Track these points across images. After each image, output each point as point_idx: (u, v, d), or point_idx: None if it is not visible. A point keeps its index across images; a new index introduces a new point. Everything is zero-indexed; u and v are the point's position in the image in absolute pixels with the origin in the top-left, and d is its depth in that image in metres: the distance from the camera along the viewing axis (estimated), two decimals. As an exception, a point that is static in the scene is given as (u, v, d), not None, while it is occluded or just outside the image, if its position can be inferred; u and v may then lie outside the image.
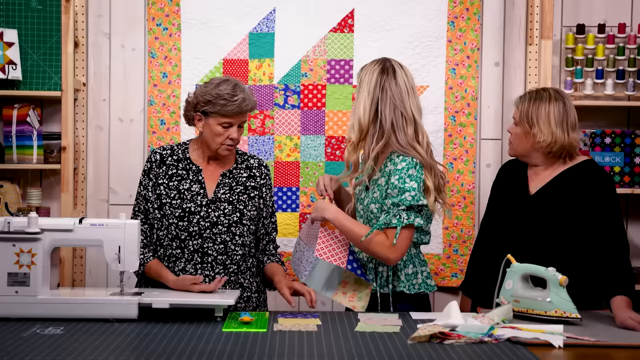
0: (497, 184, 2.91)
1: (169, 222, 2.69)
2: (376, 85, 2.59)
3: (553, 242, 2.65)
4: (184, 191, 2.71)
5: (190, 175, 2.74)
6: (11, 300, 2.39)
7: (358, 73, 2.69)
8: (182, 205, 2.69)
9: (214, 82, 2.71)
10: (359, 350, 2.08)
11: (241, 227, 2.73)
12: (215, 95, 2.65)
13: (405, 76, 2.61)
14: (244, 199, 2.75)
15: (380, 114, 2.57)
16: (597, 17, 3.60)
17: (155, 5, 3.57)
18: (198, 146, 2.79)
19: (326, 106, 3.55)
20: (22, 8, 3.50)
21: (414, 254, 2.68)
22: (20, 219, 2.44)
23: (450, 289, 3.61)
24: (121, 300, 2.40)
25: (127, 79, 3.63)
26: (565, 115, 2.68)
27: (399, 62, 2.66)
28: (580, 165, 2.70)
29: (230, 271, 2.72)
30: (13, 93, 3.47)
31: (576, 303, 2.41)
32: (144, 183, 2.76)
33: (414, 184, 2.51)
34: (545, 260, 2.54)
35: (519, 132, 2.74)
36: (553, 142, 2.67)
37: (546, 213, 2.67)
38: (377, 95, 2.58)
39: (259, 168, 2.83)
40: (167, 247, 2.71)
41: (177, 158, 2.77)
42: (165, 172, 2.74)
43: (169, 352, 2.03)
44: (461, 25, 3.55)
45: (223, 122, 2.67)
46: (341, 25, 3.56)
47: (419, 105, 2.63)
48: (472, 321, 2.28)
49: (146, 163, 2.78)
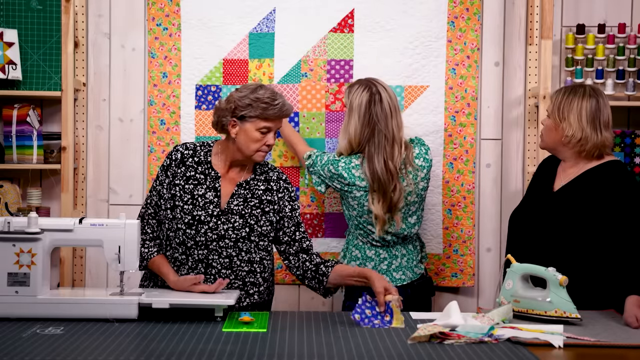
0: (534, 177, 2.96)
1: (177, 226, 2.66)
2: (366, 111, 2.97)
3: (572, 239, 2.65)
4: (198, 197, 2.67)
5: (207, 181, 2.69)
6: (11, 300, 2.39)
7: (346, 92, 3.07)
8: (193, 212, 2.64)
9: (250, 88, 2.67)
10: (359, 350, 2.08)
11: (248, 244, 2.67)
12: (254, 99, 2.62)
13: (389, 98, 3.00)
14: (256, 214, 2.68)
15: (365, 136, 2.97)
16: (597, 17, 3.60)
17: (155, 5, 3.57)
18: (221, 150, 2.73)
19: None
20: (22, 8, 3.50)
21: (350, 240, 3.11)
22: (20, 219, 2.44)
23: (451, 289, 3.61)
24: (121, 300, 2.40)
25: (127, 79, 3.63)
26: (598, 113, 2.69)
27: (382, 83, 3.04)
28: (606, 164, 2.70)
29: (236, 287, 2.67)
30: (13, 93, 3.47)
31: (588, 301, 2.41)
32: (160, 178, 2.72)
33: (326, 156, 3.08)
34: (563, 257, 2.56)
35: (550, 125, 2.77)
36: (584, 139, 2.67)
37: (566, 210, 2.67)
38: (366, 120, 2.96)
39: (277, 182, 2.76)
40: (175, 250, 2.69)
41: (198, 160, 2.72)
42: (184, 174, 2.69)
43: (169, 352, 2.03)
44: (461, 25, 3.55)
45: (262, 126, 2.63)
46: (341, 25, 3.55)
47: (399, 124, 3.01)
48: (472, 321, 2.29)
49: (166, 159, 2.73)
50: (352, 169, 2.99)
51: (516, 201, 3.18)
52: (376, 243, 3.04)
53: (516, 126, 3.63)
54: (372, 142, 2.96)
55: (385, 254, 3.04)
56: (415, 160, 3.03)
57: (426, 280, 3.16)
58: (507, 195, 3.63)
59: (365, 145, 2.98)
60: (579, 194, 2.67)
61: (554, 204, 2.72)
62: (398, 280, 3.03)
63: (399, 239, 3.05)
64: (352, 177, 2.98)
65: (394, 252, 3.05)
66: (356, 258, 3.05)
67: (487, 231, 3.64)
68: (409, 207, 3.04)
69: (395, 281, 3.02)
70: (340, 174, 3.00)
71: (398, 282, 3.02)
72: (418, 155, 3.05)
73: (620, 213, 2.61)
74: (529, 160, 3.56)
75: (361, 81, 3.08)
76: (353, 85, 3.08)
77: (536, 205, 2.79)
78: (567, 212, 2.67)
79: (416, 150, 3.06)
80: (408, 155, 3.01)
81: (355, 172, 2.98)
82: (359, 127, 2.97)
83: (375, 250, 3.03)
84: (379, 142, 2.95)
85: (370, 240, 3.04)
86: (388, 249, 3.04)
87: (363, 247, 3.05)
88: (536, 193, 2.84)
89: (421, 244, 3.19)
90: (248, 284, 2.70)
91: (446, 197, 3.56)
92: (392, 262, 3.03)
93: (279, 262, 3.56)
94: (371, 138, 2.96)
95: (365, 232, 3.03)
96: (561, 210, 2.69)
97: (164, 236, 2.72)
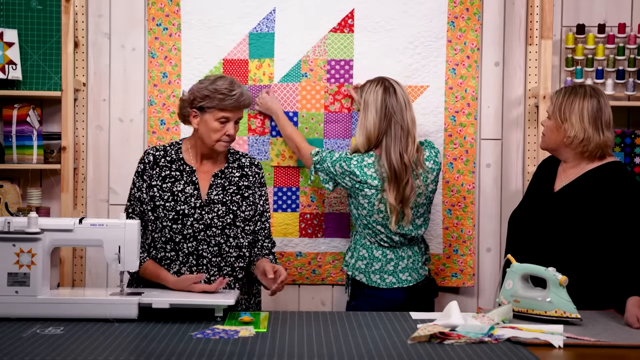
0: (533, 177, 2.96)
1: (162, 224, 2.68)
2: (382, 103, 2.99)
3: (572, 239, 2.65)
4: (178, 193, 2.71)
5: (184, 177, 2.73)
6: (11, 300, 2.40)
7: (357, 92, 3.12)
8: (176, 208, 2.68)
9: (210, 79, 2.73)
10: (359, 350, 2.08)
11: (235, 229, 2.73)
12: (212, 90, 2.67)
13: (402, 92, 3.04)
14: (237, 200, 2.75)
15: (383, 127, 2.98)
16: (597, 17, 3.60)
17: (155, 5, 3.57)
18: (191, 145, 2.78)
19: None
20: (22, 8, 3.50)
21: (357, 240, 3.09)
22: (20, 219, 2.44)
23: (450, 289, 3.61)
24: (121, 300, 2.40)
25: (127, 79, 3.63)
26: (599, 113, 2.68)
27: (393, 79, 3.08)
28: (607, 165, 2.70)
29: (225, 273, 2.72)
30: (13, 93, 3.46)
31: (588, 301, 2.41)
32: (137, 184, 2.74)
33: (337, 154, 3.08)
34: (563, 257, 2.56)
35: (551, 126, 2.76)
36: (586, 140, 2.67)
37: (566, 211, 2.67)
38: (383, 112, 2.98)
39: (250, 167, 2.83)
40: (161, 250, 2.70)
41: (171, 159, 2.76)
42: (159, 174, 2.73)
43: (169, 352, 2.03)
44: (461, 25, 3.55)
45: (220, 117, 2.68)
46: (341, 25, 3.55)
47: (413, 117, 3.04)
48: (472, 321, 2.29)
49: (139, 164, 2.76)
50: (364, 167, 2.99)
51: (516, 201, 3.18)
52: (384, 243, 3.04)
53: (516, 126, 3.63)
54: (388, 134, 2.97)
55: (392, 255, 3.04)
56: (425, 162, 3.04)
57: (430, 282, 3.16)
58: (507, 195, 3.63)
59: (383, 137, 2.99)
60: (580, 194, 2.67)
61: (554, 204, 2.72)
62: (404, 281, 3.03)
63: (406, 239, 3.05)
64: (365, 175, 2.98)
65: (400, 254, 3.05)
66: (363, 258, 3.05)
67: (487, 231, 3.64)
68: (417, 208, 3.04)
69: (402, 282, 3.02)
70: (352, 171, 3.00)
71: (404, 284, 3.02)
72: (428, 158, 3.06)
73: (620, 214, 2.61)
74: (529, 160, 3.56)
75: (372, 79, 3.11)
76: (365, 84, 3.11)
77: (536, 205, 2.79)
78: (567, 212, 2.67)
79: (426, 152, 3.07)
80: (419, 157, 3.02)
81: (368, 171, 2.98)
82: (377, 120, 2.99)
83: (383, 251, 3.03)
84: (395, 133, 2.96)
85: (378, 240, 3.04)
86: (395, 250, 3.04)
87: (370, 247, 3.05)
88: (536, 193, 2.84)
89: (425, 246, 3.19)
90: (237, 269, 2.75)
91: (446, 197, 3.56)
92: (399, 264, 3.03)
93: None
94: (388, 130, 2.98)
95: (374, 232, 3.03)
96: (561, 210, 2.69)
97: (149, 239, 2.73)
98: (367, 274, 3.03)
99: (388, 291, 3.00)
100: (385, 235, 3.02)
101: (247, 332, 2.25)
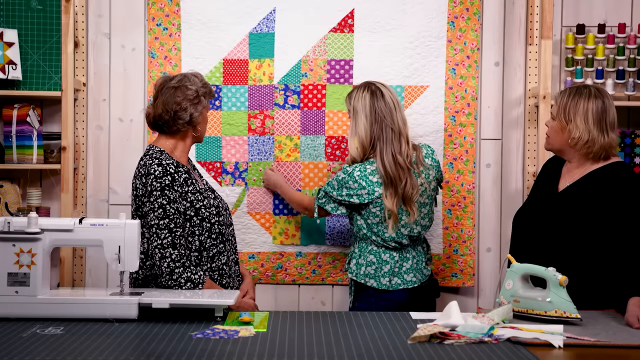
0: (538, 177, 2.96)
1: (210, 222, 2.71)
2: (371, 108, 3.00)
3: (576, 239, 2.65)
4: (202, 190, 2.75)
5: (191, 177, 2.73)
6: (11, 300, 2.40)
7: (346, 100, 3.08)
8: (212, 203, 2.76)
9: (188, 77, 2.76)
10: (359, 350, 2.08)
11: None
12: (205, 84, 2.78)
13: (390, 94, 3.03)
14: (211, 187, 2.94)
15: (375, 132, 2.99)
16: (597, 17, 3.60)
17: (155, 5, 3.57)
18: (171, 150, 2.72)
19: (326, 106, 3.55)
20: (22, 8, 3.50)
21: (363, 247, 3.04)
22: (20, 219, 2.44)
23: (450, 289, 3.61)
24: (121, 300, 2.40)
25: (127, 78, 3.63)
26: (604, 114, 2.68)
27: (379, 82, 3.07)
28: (610, 166, 2.70)
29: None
30: (13, 93, 3.47)
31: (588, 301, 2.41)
32: (172, 197, 2.61)
33: (334, 181, 3.03)
34: (566, 256, 2.55)
35: (555, 127, 2.75)
36: (591, 141, 2.66)
37: (571, 211, 2.67)
38: (372, 117, 2.99)
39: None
40: (211, 248, 2.72)
41: (174, 166, 2.67)
42: (179, 182, 2.66)
43: (169, 352, 2.03)
44: (461, 25, 3.55)
45: (208, 106, 2.82)
46: (341, 25, 3.56)
47: (404, 117, 3.04)
48: (472, 321, 2.28)
49: (163, 179, 2.60)
50: (368, 175, 2.95)
51: (516, 201, 3.18)
52: (390, 246, 3.01)
53: (516, 126, 3.63)
54: (381, 138, 2.98)
55: (398, 257, 3.02)
56: (425, 159, 3.05)
57: (433, 282, 3.15)
58: (507, 196, 3.63)
59: (377, 142, 2.98)
60: (584, 194, 2.67)
61: (558, 204, 2.72)
62: (409, 282, 3.00)
63: (411, 240, 3.03)
64: (371, 184, 2.95)
65: (405, 254, 3.03)
66: (372, 263, 3.00)
67: (487, 231, 3.64)
68: (421, 208, 3.03)
69: (407, 283, 2.99)
70: (359, 184, 2.95)
71: (409, 284, 3.00)
72: (427, 155, 3.07)
73: (624, 214, 2.60)
74: (529, 160, 3.56)
75: (358, 85, 3.10)
76: (352, 92, 3.09)
77: (540, 205, 2.79)
78: (571, 212, 2.67)
79: (424, 150, 3.07)
80: (418, 156, 3.02)
81: (373, 178, 2.95)
82: (368, 125, 2.99)
83: (390, 254, 3.01)
84: (386, 137, 2.97)
85: (385, 245, 3.01)
86: (400, 251, 3.02)
87: (378, 251, 3.01)
88: (540, 193, 2.84)
89: (427, 246, 3.18)
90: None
91: (446, 197, 3.56)
92: (403, 265, 3.01)
93: (279, 262, 3.57)
94: (380, 134, 2.99)
95: (383, 239, 3.01)
96: (566, 210, 2.69)
97: (196, 244, 2.68)
98: (377, 278, 2.99)
99: (393, 292, 2.98)
100: (394, 240, 2.99)
101: (247, 332, 2.25)
